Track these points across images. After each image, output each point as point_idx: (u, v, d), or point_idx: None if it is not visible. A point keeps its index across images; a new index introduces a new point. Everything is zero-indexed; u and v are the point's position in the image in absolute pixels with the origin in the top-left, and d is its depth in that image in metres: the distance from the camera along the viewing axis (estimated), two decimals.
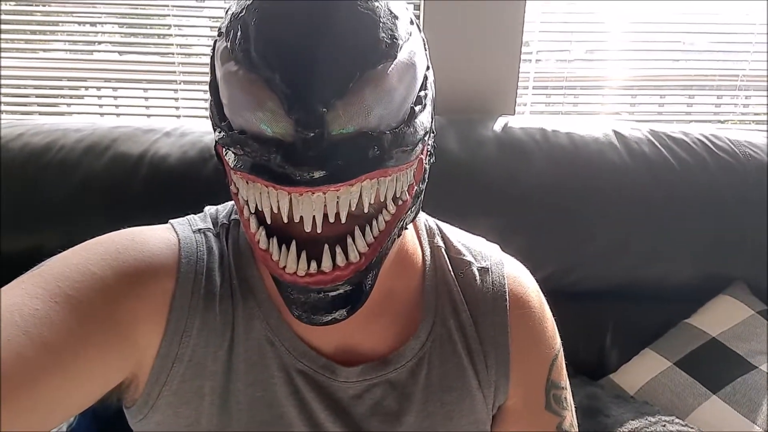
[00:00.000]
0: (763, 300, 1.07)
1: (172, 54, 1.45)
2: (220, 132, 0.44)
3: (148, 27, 1.47)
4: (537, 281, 0.63)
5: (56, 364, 0.41)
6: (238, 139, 0.42)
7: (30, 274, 0.45)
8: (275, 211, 0.43)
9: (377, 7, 0.41)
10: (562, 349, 0.61)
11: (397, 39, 0.42)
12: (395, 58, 0.42)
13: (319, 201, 0.41)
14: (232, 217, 0.57)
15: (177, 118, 1.52)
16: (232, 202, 0.59)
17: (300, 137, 0.38)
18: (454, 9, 1.28)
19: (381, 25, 0.41)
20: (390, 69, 0.41)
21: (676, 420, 0.90)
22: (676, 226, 1.09)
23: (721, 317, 1.05)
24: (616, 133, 1.15)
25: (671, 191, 1.09)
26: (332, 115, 0.39)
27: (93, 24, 1.48)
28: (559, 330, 0.62)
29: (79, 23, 1.49)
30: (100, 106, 1.55)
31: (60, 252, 0.48)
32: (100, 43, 1.49)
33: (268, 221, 0.44)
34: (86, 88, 1.51)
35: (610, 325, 1.11)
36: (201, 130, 1.09)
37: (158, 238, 0.51)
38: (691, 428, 0.89)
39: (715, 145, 1.13)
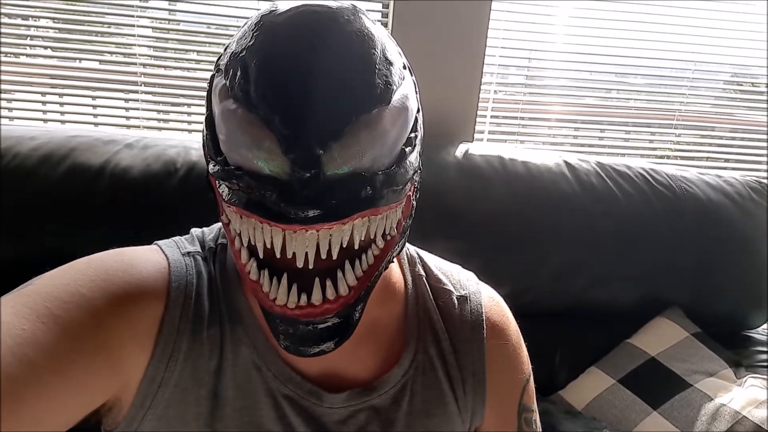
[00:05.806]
0: (697, 323, 1.17)
1: (136, 63, 1.41)
2: (215, 165, 0.45)
3: (85, 23, 1.41)
4: None
5: (40, 384, 0.40)
6: (234, 175, 0.42)
7: (18, 293, 0.44)
8: (268, 246, 0.43)
9: (373, 54, 0.43)
10: (532, 374, 0.64)
11: (391, 84, 0.44)
12: (389, 102, 0.44)
13: (312, 238, 0.42)
14: (219, 240, 0.57)
15: (127, 128, 1.47)
16: (219, 225, 0.59)
17: (296, 177, 0.39)
18: (418, 39, 1.33)
19: (376, 71, 0.43)
20: (384, 113, 0.43)
21: None
22: (619, 253, 1.17)
23: (660, 338, 1.13)
24: (566, 164, 1.22)
25: (616, 220, 1.17)
26: (328, 156, 0.40)
27: (26, 18, 1.40)
28: None
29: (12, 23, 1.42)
30: (45, 113, 1.48)
31: (48, 270, 0.47)
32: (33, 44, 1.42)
33: (261, 255, 0.45)
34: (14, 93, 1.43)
35: (560, 344, 1.18)
36: (165, 143, 1.05)
37: (148, 261, 0.51)
38: None
39: (654, 179, 1.23)
